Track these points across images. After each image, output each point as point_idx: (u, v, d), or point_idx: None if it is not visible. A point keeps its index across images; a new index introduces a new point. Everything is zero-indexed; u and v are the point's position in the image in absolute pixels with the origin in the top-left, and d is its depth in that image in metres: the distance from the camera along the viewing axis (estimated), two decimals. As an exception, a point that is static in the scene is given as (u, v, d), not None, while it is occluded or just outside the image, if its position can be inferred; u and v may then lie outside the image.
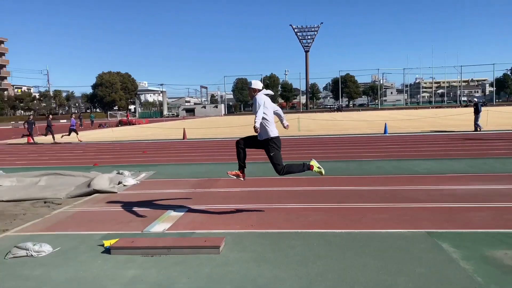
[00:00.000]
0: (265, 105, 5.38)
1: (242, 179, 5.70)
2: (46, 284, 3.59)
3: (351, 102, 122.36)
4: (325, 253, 4.12)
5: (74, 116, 25.60)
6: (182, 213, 5.85)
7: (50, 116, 25.83)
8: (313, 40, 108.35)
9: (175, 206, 6.28)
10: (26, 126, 22.77)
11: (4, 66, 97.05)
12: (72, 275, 3.76)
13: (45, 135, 23.31)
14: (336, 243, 4.43)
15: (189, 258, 4.10)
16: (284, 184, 7.85)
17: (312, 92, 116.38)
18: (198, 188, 7.75)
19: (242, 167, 5.67)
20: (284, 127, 5.94)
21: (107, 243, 4.44)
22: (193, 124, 41.35)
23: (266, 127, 5.39)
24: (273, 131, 5.44)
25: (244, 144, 5.64)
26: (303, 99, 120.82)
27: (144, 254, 4.24)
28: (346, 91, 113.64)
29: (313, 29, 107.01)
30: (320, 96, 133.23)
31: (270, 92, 5.69)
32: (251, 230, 4.98)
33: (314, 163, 5.68)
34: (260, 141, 5.52)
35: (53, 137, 22.31)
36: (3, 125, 60.49)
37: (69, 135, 23.11)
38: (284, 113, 6.28)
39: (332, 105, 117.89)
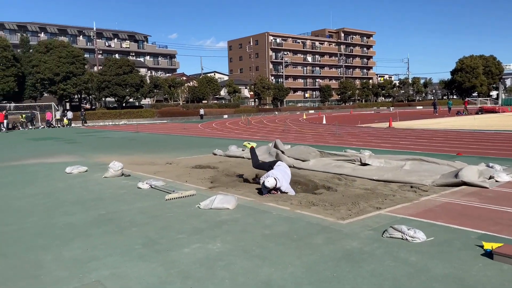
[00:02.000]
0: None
1: None
2: (423, 273, 3.47)
3: None
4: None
5: None
6: None
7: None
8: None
9: None
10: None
11: (371, 57, 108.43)
12: (450, 272, 3.48)
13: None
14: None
15: None
16: None
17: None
18: None
19: None
20: None
21: (487, 246, 3.88)
22: None
23: None
24: None
25: None
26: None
27: (536, 270, 3.43)
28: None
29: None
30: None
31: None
32: None
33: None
34: None
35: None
36: (367, 110, 68.13)
37: None
38: None
39: None
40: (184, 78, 68.51)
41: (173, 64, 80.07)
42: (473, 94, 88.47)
